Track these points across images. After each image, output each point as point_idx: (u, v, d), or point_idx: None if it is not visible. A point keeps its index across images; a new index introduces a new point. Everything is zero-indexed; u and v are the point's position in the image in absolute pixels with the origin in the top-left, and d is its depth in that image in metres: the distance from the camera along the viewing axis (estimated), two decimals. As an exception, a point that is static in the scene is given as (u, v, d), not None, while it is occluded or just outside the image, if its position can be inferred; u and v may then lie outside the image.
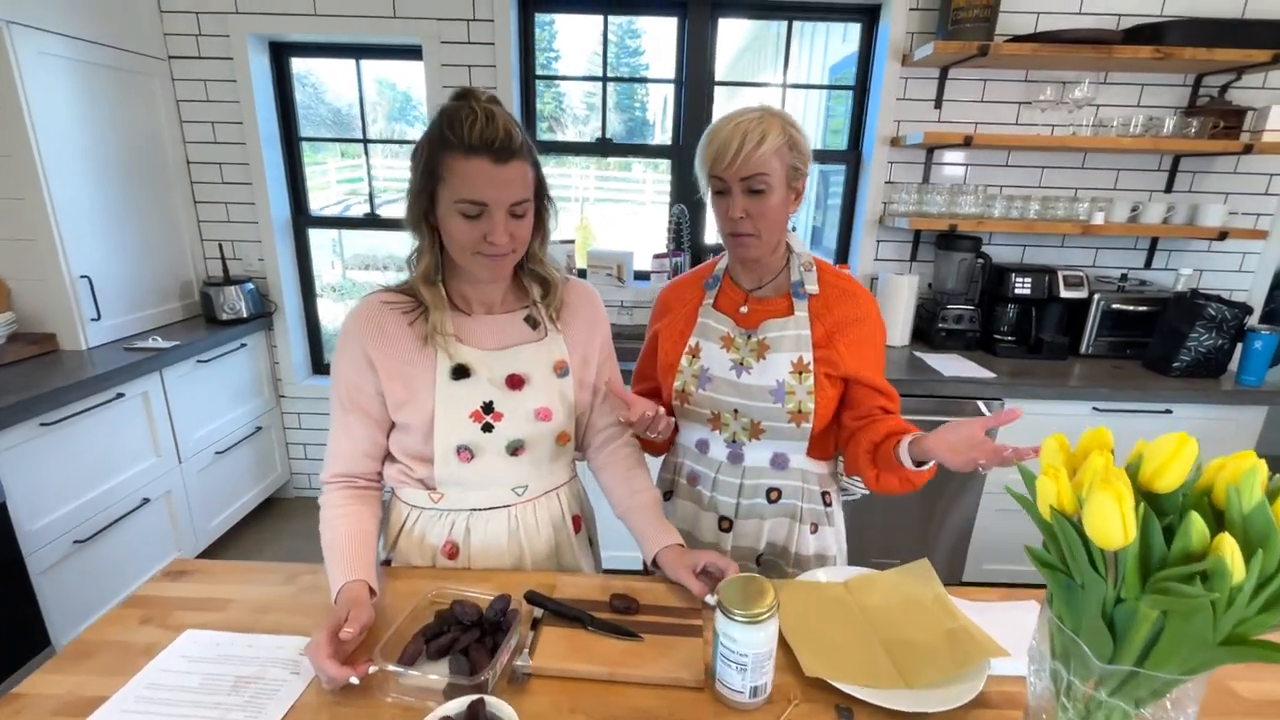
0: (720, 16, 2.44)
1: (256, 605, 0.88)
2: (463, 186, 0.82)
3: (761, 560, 1.10)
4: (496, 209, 0.83)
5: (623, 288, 2.58)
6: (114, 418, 1.93)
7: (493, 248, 0.84)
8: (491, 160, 0.81)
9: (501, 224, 0.83)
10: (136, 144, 2.26)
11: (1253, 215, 2.45)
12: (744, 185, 0.95)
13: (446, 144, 0.82)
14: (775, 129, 0.93)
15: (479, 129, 0.80)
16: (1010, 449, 0.81)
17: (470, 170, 0.81)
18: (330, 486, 0.95)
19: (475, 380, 0.93)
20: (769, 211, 0.96)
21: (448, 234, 0.86)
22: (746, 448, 1.07)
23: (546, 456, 1.00)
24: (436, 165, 0.83)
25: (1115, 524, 0.47)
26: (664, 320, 1.15)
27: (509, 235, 0.84)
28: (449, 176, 0.82)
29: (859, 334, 1.03)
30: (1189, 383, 2.10)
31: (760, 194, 0.95)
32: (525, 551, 1.00)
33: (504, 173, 0.82)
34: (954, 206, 2.30)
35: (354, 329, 0.92)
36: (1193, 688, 0.53)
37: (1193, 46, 2.06)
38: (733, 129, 0.93)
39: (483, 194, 0.82)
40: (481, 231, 0.84)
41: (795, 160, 0.96)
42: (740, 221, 0.97)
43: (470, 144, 0.80)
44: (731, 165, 0.93)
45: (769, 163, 0.93)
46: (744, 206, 0.96)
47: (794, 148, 0.95)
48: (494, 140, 0.80)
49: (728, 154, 0.93)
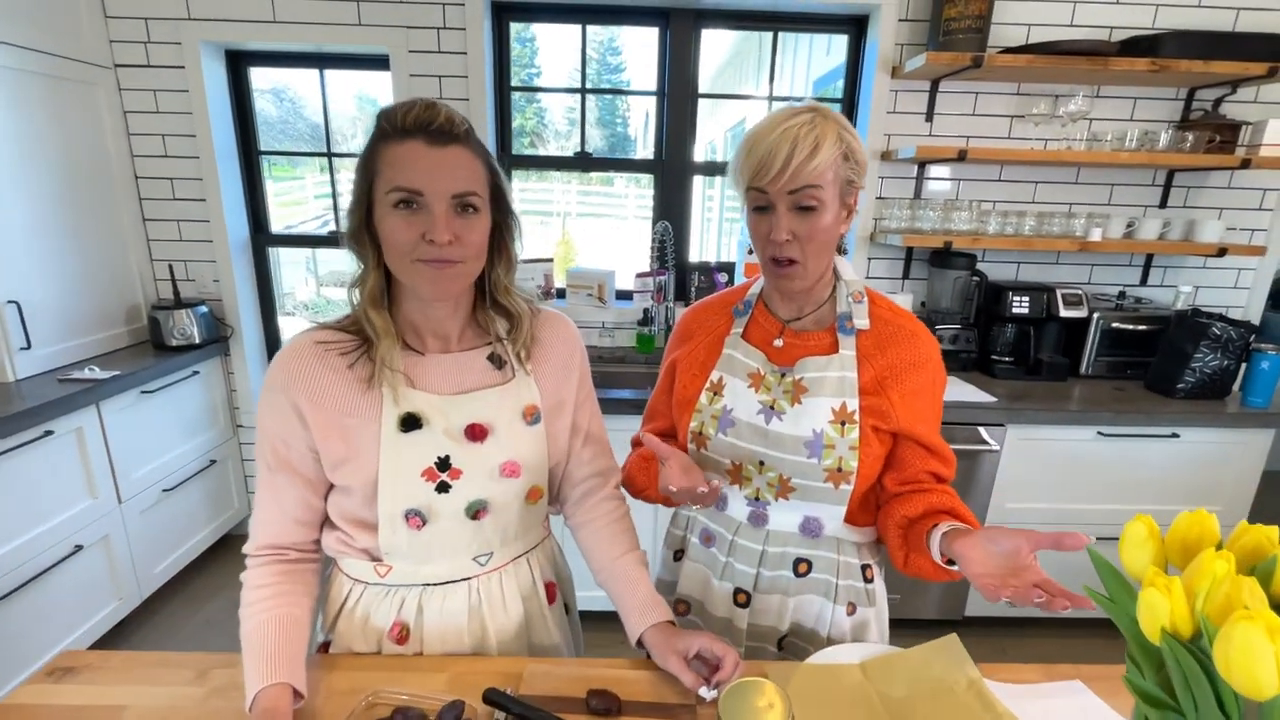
0: (703, 27, 2.34)
1: (157, 712, 0.73)
2: (395, 174, 0.70)
3: (784, 644, 0.94)
4: (435, 200, 0.71)
5: (604, 308, 2.45)
6: (41, 458, 1.75)
7: (433, 249, 0.71)
8: (426, 142, 0.70)
9: (442, 218, 0.71)
10: (78, 158, 2.09)
11: (1248, 231, 2.40)
12: (791, 201, 0.80)
13: (381, 135, 0.72)
14: (830, 136, 0.78)
15: (414, 114, 0.70)
16: (1043, 596, 0.63)
17: (403, 154, 0.70)
18: (255, 561, 0.80)
19: (428, 431, 0.79)
20: (819, 234, 0.81)
21: (385, 240, 0.73)
22: (771, 508, 0.91)
23: (515, 518, 0.86)
24: (371, 160, 0.72)
25: (1269, 669, 0.35)
26: (683, 348, 0.99)
27: (452, 235, 0.71)
28: (383, 168, 0.71)
29: (916, 382, 0.86)
30: (1194, 405, 2.02)
31: (810, 212, 0.80)
32: (489, 631, 0.85)
33: (442, 155, 0.71)
34: (947, 223, 2.21)
35: (280, 377, 0.77)
36: None
37: (1189, 59, 2.00)
38: (780, 135, 0.78)
39: (416, 179, 0.70)
40: (419, 229, 0.71)
41: (850, 173, 0.82)
42: (785, 245, 0.82)
43: (404, 128, 0.70)
44: (779, 178, 0.78)
45: (823, 175, 0.78)
46: (790, 227, 0.81)
47: (849, 157, 0.81)
48: (430, 123, 0.70)
49: (774, 164, 0.78)
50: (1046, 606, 0.63)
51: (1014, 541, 0.68)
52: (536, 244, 4.68)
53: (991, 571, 0.69)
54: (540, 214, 4.78)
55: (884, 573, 1.00)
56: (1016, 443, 1.98)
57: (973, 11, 2.01)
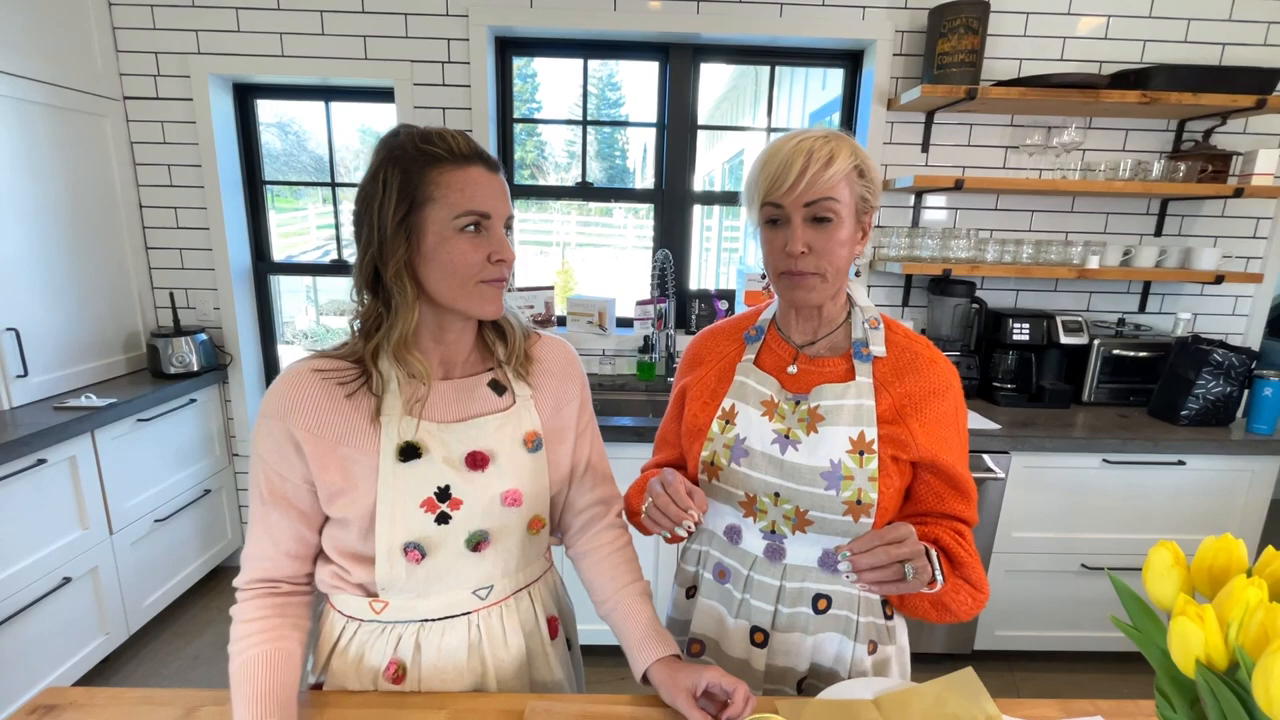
0: (702, 61, 2.40)
1: (140, 756, 0.70)
2: (462, 198, 0.71)
3: (803, 686, 0.90)
4: (498, 221, 0.74)
5: (604, 335, 2.45)
6: (32, 488, 1.72)
7: (501, 266, 0.75)
8: (485, 168, 0.73)
9: (504, 239, 0.75)
10: (82, 187, 2.10)
11: (1243, 259, 2.42)
12: (807, 213, 0.80)
13: (430, 159, 0.71)
14: (845, 150, 0.80)
15: (463, 141, 0.72)
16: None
17: (469, 179, 0.72)
18: (245, 595, 0.77)
19: (428, 461, 0.77)
20: (836, 246, 0.81)
21: (445, 264, 0.73)
22: (788, 541, 0.88)
23: (516, 549, 0.83)
24: (419, 185, 0.71)
25: (1216, 641, 0.33)
26: (693, 374, 0.98)
27: (511, 253, 0.75)
28: (442, 193, 0.71)
29: (937, 411, 0.84)
30: (1199, 432, 2.01)
31: (826, 224, 0.80)
32: (489, 668, 0.82)
33: (497, 181, 0.75)
34: (946, 251, 2.23)
35: (277, 405, 0.76)
36: None
37: (1178, 91, 2.04)
38: (795, 147, 0.79)
39: (486, 203, 0.73)
40: (486, 250, 0.73)
41: (865, 190, 0.82)
42: (801, 258, 0.81)
43: (462, 153, 0.72)
44: (794, 189, 0.78)
45: (838, 188, 0.79)
46: (806, 239, 0.80)
47: (864, 175, 0.82)
48: (481, 151, 0.74)
49: (789, 175, 0.78)
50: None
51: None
52: (536, 273, 4.72)
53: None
54: (540, 244, 4.81)
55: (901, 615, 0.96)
56: (1021, 471, 1.96)
57: (965, 46, 2.05)
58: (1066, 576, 2.06)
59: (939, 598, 0.80)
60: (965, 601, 0.80)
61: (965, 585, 0.80)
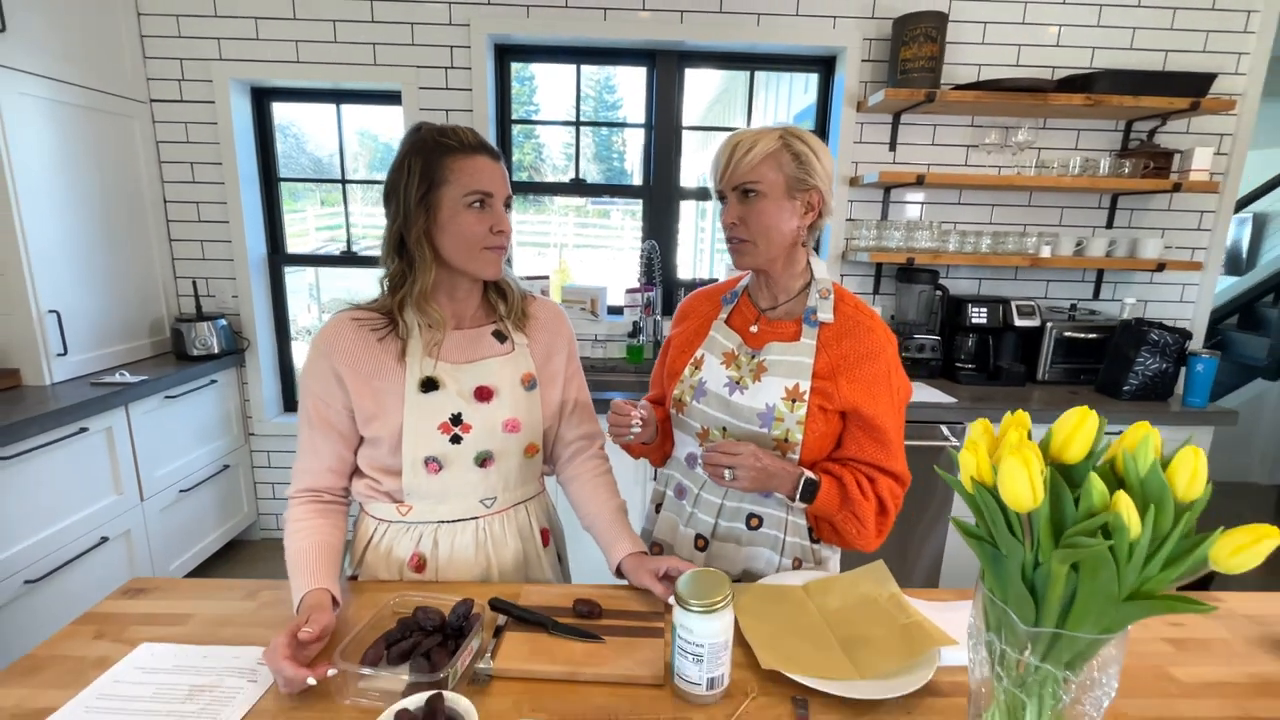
0: (686, 67, 2.59)
1: (215, 620, 0.88)
2: (470, 180, 0.90)
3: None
4: (499, 200, 0.93)
5: (597, 321, 2.64)
6: (76, 453, 1.90)
7: (501, 236, 0.93)
8: (489, 157, 0.92)
9: (503, 214, 0.93)
10: (113, 183, 2.29)
11: (1188, 249, 2.61)
12: (736, 193, 0.98)
13: (446, 149, 0.90)
14: (769, 138, 0.95)
15: (471, 135, 0.91)
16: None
17: (476, 165, 0.91)
18: (295, 502, 0.96)
19: (444, 393, 0.95)
20: (761, 216, 0.96)
21: (456, 233, 0.91)
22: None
23: (515, 468, 1.02)
24: (436, 170, 0.90)
25: (1024, 487, 0.52)
26: (679, 328, 1.16)
27: (509, 226, 0.94)
28: (455, 176, 0.90)
29: (868, 371, 0.98)
30: (1139, 405, 2.20)
31: (752, 198, 0.97)
32: (493, 564, 1.00)
33: (499, 167, 0.94)
34: (911, 241, 2.42)
35: (324, 346, 0.94)
36: (1113, 650, 0.57)
37: (1120, 94, 2.23)
38: (727, 141, 0.98)
39: (489, 184, 0.91)
40: (489, 223, 0.92)
41: (799, 171, 0.96)
42: (734, 227, 0.99)
43: (470, 144, 0.91)
44: (725, 174, 0.97)
45: (758, 170, 0.95)
46: (737, 213, 0.98)
47: (796, 159, 0.95)
48: (485, 143, 0.93)
49: (721, 163, 0.98)
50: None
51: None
52: (535, 273, 4.89)
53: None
54: (538, 245, 4.98)
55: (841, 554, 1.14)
56: (976, 440, 2.14)
57: (925, 53, 2.25)
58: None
59: (830, 522, 1.00)
60: (852, 531, 0.99)
61: (853, 518, 0.98)
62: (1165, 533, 0.51)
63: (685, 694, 0.73)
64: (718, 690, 0.73)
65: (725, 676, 0.73)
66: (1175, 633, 0.90)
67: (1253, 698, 0.77)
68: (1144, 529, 0.50)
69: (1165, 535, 0.51)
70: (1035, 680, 0.58)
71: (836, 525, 1.00)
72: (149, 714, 0.70)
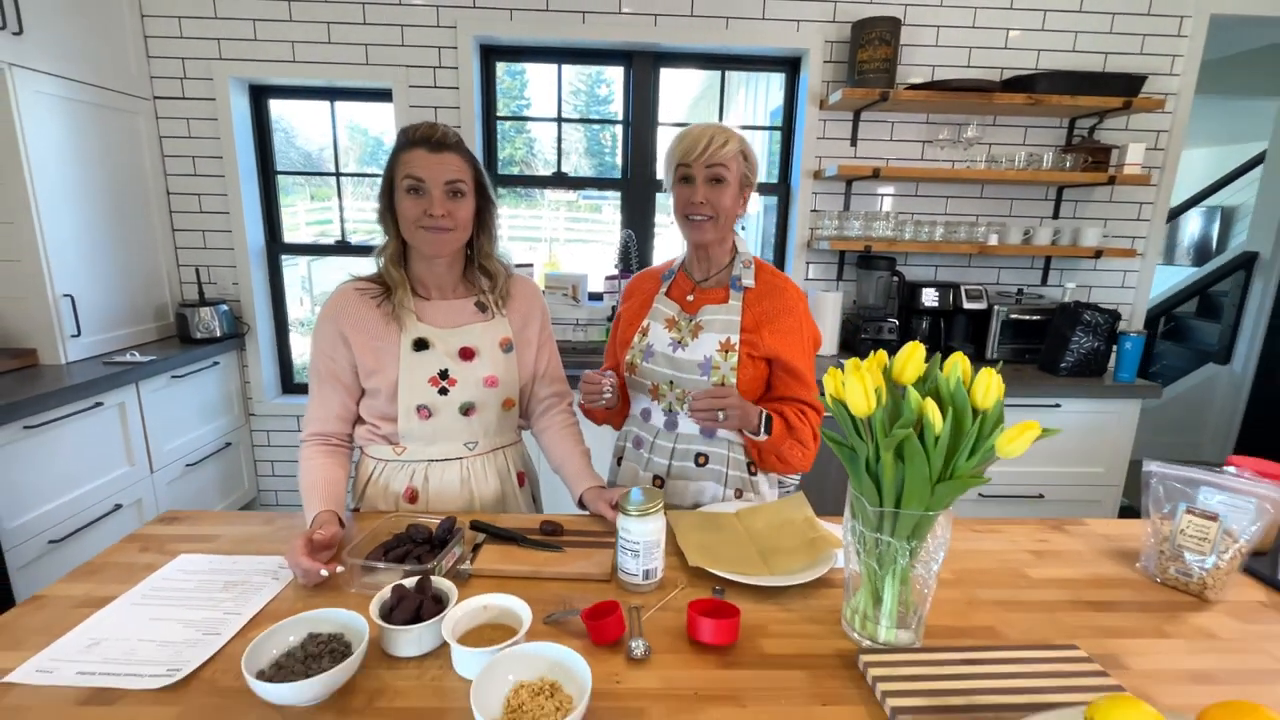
0: (662, 67, 2.75)
1: (240, 539, 1.04)
2: (405, 168, 1.06)
3: None
4: (433, 186, 1.05)
5: (578, 306, 2.80)
6: (92, 426, 2.05)
7: (431, 220, 1.06)
8: (428, 149, 1.06)
9: (439, 200, 1.06)
10: (120, 175, 2.43)
11: (1128, 238, 2.81)
12: (708, 174, 1.14)
13: (399, 145, 1.07)
14: (735, 139, 1.15)
15: (421, 130, 1.06)
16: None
17: (413, 156, 1.06)
18: (308, 443, 1.13)
19: (433, 351, 1.13)
20: (723, 198, 1.15)
21: (401, 213, 1.08)
22: (680, 416, 1.23)
23: (494, 418, 1.19)
24: (393, 162, 1.07)
25: (861, 398, 0.70)
26: (627, 304, 1.34)
27: (446, 211, 1.06)
28: (399, 166, 1.06)
29: (785, 324, 1.19)
30: (1075, 381, 2.39)
31: (719, 184, 1.15)
32: (475, 497, 1.18)
33: (438, 158, 1.06)
34: (869, 230, 2.60)
35: (331, 311, 1.12)
36: (940, 528, 0.75)
37: (1058, 94, 2.42)
38: (703, 129, 1.15)
39: (420, 172, 1.05)
40: (423, 207, 1.06)
41: (746, 170, 1.18)
42: (701, 205, 1.15)
43: (413, 139, 1.06)
44: (701, 156, 1.12)
45: (729, 161, 1.14)
46: (705, 194, 1.15)
47: (747, 158, 1.17)
48: (430, 136, 1.06)
49: (698, 147, 1.12)
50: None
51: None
52: (524, 260, 5.02)
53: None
54: (529, 240, 5.11)
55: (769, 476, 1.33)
56: (925, 413, 2.33)
57: (880, 55, 2.43)
58: (967, 502, 2.44)
59: (777, 450, 1.17)
60: (797, 454, 1.18)
61: (797, 444, 1.17)
62: (967, 429, 0.69)
63: (626, 584, 0.91)
64: (653, 580, 0.91)
65: (659, 570, 0.91)
66: (1039, 546, 1.09)
67: (1086, 588, 0.96)
68: (945, 426, 0.68)
69: (964, 433, 0.69)
70: (888, 553, 0.76)
71: (783, 453, 1.18)
72: (193, 601, 0.87)
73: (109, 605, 0.85)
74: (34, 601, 0.86)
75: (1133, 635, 0.85)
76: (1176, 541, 0.95)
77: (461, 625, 0.77)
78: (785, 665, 0.77)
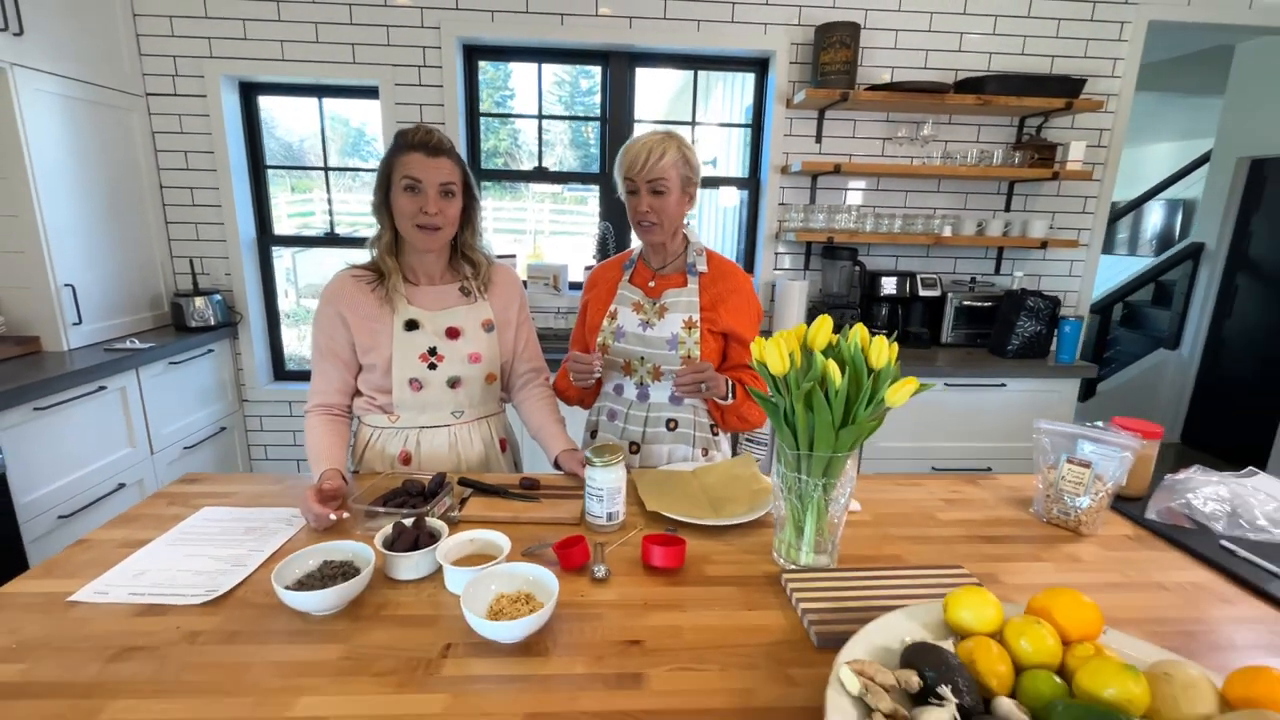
0: (637, 67, 2.89)
1: (255, 495, 1.19)
2: (404, 170, 1.19)
3: None
4: (429, 187, 1.19)
5: (559, 295, 2.95)
6: (96, 408, 2.16)
7: (427, 217, 1.20)
8: (425, 154, 1.19)
9: (433, 199, 1.19)
10: (116, 170, 2.53)
11: (1074, 229, 3.01)
12: (649, 187, 1.29)
13: (397, 147, 1.20)
14: (673, 147, 1.28)
15: (419, 136, 1.19)
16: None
17: (411, 159, 1.19)
18: (312, 413, 1.27)
19: (423, 331, 1.27)
20: (668, 207, 1.31)
21: (396, 210, 1.22)
22: (651, 388, 1.40)
23: (478, 391, 1.34)
24: (390, 163, 1.21)
25: (778, 358, 0.85)
26: (592, 293, 1.49)
27: (439, 209, 1.20)
28: (397, 166, 1.20)
29: (736, 301, 1.37)
30: (1020, 363, 2.59)
31: (661, 194, 1.29)
32: (462, 460, 1.33)
33: (434, 162, 1.20)
34: (833, 223, 2.77)
35: (331, 295, 1.26)
36: (849, 468, 0.91)
37: (1005, 95, 2.60)
38: (641, 145, 1.28)
39: (417, 173, 1.18)
40: (419, 204, 1.20)
41: (687, 172, 1.31)
42: (646, 214, 1.31)
43: (411, 144, 1.19)
44: (641, 171, 1.27)
45: (667, 172, 1.28)
46: (649, 204, 1.30)
47: (687, 163, 1.31)
48: (427, 142, 1.19)
49: (639, 163, 1.27)
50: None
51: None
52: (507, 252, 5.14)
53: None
54: (514, 232, 5.20)
55: (728, 436, 1.51)
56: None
57: (841, 58, 2.59)
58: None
59: (738, 412, 1.33)
60: (755, 413, 1.35)
61: (754, 403, 1.33)
62: (864, 385, 0.86)
63: (592, 525, 1.07)
64: (615, 522, 1.07)
65: (621, 514, 1.07)
66: (951, 495, 1.26)
67: (983, 526, 1.13)
68: (844, 382, 0.84)
69: (860, 388, 0.85)
70: (807, 491, 0.93)
71: (743, 413, 1.36)
72: (219, 542, 1.01)
73: (146, 546, 0.99)
74: (80, 544, 1.00)
75: (1012, 560, 1.02)
76: (1059, 486, 1.13)
77: (452, 554, 0.92)
78: (722, 584, 0.93)
